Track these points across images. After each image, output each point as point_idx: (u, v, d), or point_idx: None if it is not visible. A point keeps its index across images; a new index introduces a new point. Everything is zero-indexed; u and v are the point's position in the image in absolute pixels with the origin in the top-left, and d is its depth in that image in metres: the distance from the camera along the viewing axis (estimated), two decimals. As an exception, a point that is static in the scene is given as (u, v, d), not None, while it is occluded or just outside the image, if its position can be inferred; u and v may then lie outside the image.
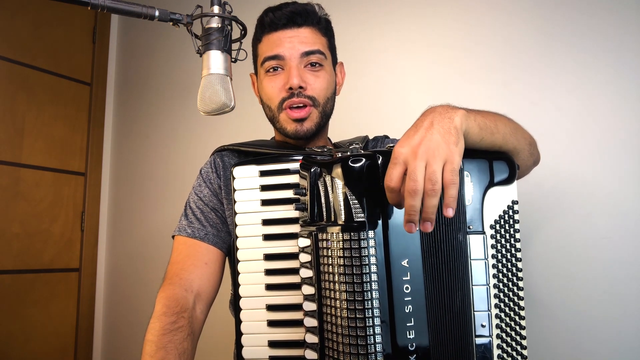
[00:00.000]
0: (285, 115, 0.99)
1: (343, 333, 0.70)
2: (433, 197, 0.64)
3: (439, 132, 0.68)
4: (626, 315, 1.21)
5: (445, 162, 0.65)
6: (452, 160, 0.66)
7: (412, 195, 0.64)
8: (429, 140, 0.67)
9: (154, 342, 0.81)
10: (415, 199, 0.64)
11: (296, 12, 0.98)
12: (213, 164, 1.04)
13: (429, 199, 0.64)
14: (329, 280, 0.73)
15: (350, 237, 0.71)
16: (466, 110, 0.74)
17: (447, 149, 0.66)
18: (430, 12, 1.59)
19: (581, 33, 1.33)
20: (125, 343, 2.18)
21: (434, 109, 0.74)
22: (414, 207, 0.64)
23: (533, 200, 1.33)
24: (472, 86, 1.48)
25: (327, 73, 1.02)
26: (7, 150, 1.97)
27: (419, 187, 0.64)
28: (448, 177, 0.64)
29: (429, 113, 0.73)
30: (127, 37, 2.44)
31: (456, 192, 0.64)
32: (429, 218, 0.64)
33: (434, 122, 0.69)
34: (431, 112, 0.73)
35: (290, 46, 0.97)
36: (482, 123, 0.76)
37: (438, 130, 0.68)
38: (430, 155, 0.65)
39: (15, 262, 1.96)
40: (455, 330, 0.76)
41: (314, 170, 0.78)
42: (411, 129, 0.71)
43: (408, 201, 0.64)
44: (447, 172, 0.65)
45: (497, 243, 0.79)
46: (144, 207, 2.22)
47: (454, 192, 0.64)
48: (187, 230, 0.98)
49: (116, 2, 0.76)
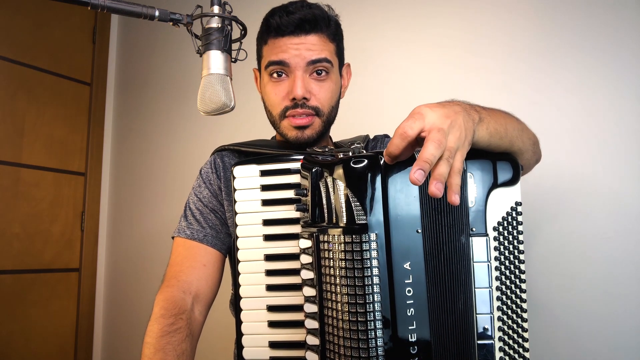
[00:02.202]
0: (287, 122, 0.98)
1: (344, 336, 0.70)
2: (447, 165, 0.61)
3: (464, 121, 0.67)
4: (626, 315, 1.20)
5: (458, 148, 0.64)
6: (463, 151, 0.65)
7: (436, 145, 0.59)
8: (456, 121, 0.65)
9: (152, 344, 0.81)
10: (438, 150, 0.59)
11: (305, 19, 0.94)
12: (213, 165, 1.04)
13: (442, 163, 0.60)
14: (330, 282, 0.73)
15: (352, 239, 0.70)
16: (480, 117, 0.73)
17: (464, 139, 0.66)
18: (431, 12, 1.59)
19: (581, 33, 1.33)
20: (125, 343, 2.17)
21: (459, 102, 0.72)
22: (434, 155, 0.59)
23: (533, 200, 1.32)
24: (473, 86, 1.48)
25: (332, 81, 0.99)
26: (7, 150, 1.97)
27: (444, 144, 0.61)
28: (457, 164, 0.62)
29: (456, 103, 0.71)
30: (127, 37, 2.43)
31: (460, 181, 0.62)
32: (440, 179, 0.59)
33: (461, 112, 0.68)
34: (458, 104, 0.71)
35: (296, 54, 0.94)
36: (493, 130, 0.75)
37: (464, 119, 0.67)
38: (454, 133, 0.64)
39: (15, 262, 1.96)
40: (458, 333, 0.76)
41: (315, 170, 0.77)
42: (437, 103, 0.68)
43: (429, 148, 0.59)
44: (457, 160, 0.63)
45: (500, 245, 0.79)
46: (144, 207, 2.22)
47: (459, 180, 0.62)
48: (186, 232, 0.98)
49: (116, 2, 0.75)
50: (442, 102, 0.70)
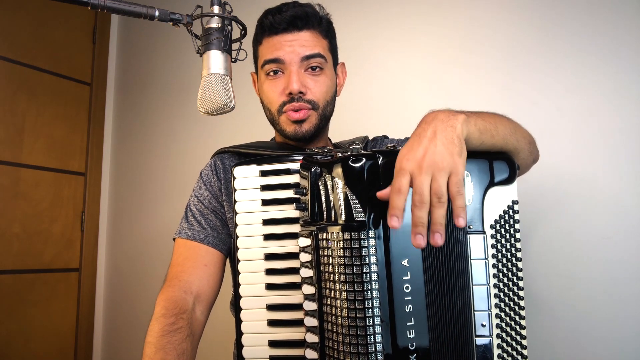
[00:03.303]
0: (285, 117, 1.00)
1: (343, 332, 0.70)
2: (440, 209, 0.64)
3: (442, 142, 0.67)
4: (626, 315, 1.21)
5: (450, 174, 0.65)
6: (457, 172, 0.66)
7: (419, 207, 0.64)
8: (432, 153, 0.66)
9: (153, 343, 0.82)
10: (422, 211, 0.64)
11: (297, 16, 0.98)
12: (213, 167, 1.05)
13: (436, 210, 0.64)
14: (329, 279, 0.73)
15: (350, 236, 0.71)
16: (466, 115, 0.74)
17: (451, 161, 0.66)
18: (430, 12, 1.59)
19: (581, 33, 1.33)
20: (125, 343, 2.18)
21: (436, 115, 0.73)
22: (422, 217, 0.64)
23: (533, 200, 1.33)
24: (472, 86, 1.48)
25: (327, 77, 1.02)
26: (7, 150, 1.97)
27: (426, 200, 0.64)
28: (454, 189, 0.65)
29: (431, 120, 0.71)
30: (127, 37, 2.44)
31: (464, 202, 0.64)
32: (438, 229, 0.63)
33: (436, 132, 0.69)
34: (433, 119, 0.72)
35: (290, 50, 0.97)
36: (482, 127, 0.76)
37: (441, 141, 0.68)
38: (436, 168, 0.65)
39: (15, 262, 1.96)
40: (456, 330, 0.76)
41: (314, 170, 0.78)
42: (414, 139, 0.70)
43: (415, 213, 0.64)
44: (453, 185, 0.65)
45: (498, 243, 0.79)
46: (144, 207, 2.22)
47: (462, 202, 0.64)
48: (187, 233, 0.99)
49: (116, 2, 0.76)
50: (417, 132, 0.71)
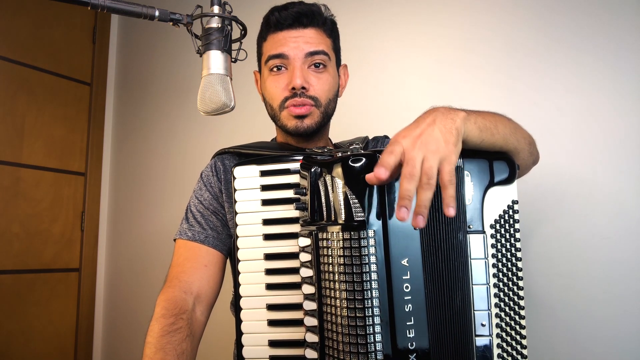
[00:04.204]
0: (286, 113, 1.00)
1: (343, 332, 0.70)
2: (427, 191, 0.63)
3: (440, 129, 0.68)
4: (626, 315, 1.21)
5: (442, 160, 0.65)
6: (450, 160, 0.66)
7: (408, 179, 0.63)
8: (429, 135, 0.67)
9: (153, 343, 0.82)
10: (411, 183, 0.63)
11: (302, 13, 0.99)
12: (214, 167, 1.05)
13: (423, 192, 0.63)
14: (329, 279, 0.73)
15: (350, 236, 0.71)
16: (467, 113, 0.75)
17: (445, 148, 0.66)
18: (430, 12, 1.59)
19: (581, 33, 1.34)
20: (125, 343, 2.18)
21: (437, 108, 0.74)
22: (410, 190, 0.62)
23: (533, 200, 1.33)
24: (472, 86, 1.48)
25: (330, 75, 1.02)
26: (7, 150, 1.97)
27: (416, 173, 0.63)
28: (446, 177, 0.64)
29: (432, 112, 0.73)
30: (127, 37, 2.44)
31: (454, 192, 0.64)
32: (422, 212, 0.62)
33: (436, 120, 0.70)
34: (434, 111, 0.73)
35: (294, 46, 0.98)
36: (482, 125, 0.76)
37: (439, 128, 0.68)
38: (429, 149, 0.65)
39: (15, 262, 1.96)
40: (455, 330, 0.76)
41: (314, 170, 0.78)
42: (413, 123, 0.71)
43: (404, 185, 0.63)
44: (445, 174, 0.64)
45: (497, 242, 0.79)
46: (143, 207, 2.22)
47: (452, 191, 0.64)
48: (187, 234, 0.99)
49: (116, 2, 0.76)
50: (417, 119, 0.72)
